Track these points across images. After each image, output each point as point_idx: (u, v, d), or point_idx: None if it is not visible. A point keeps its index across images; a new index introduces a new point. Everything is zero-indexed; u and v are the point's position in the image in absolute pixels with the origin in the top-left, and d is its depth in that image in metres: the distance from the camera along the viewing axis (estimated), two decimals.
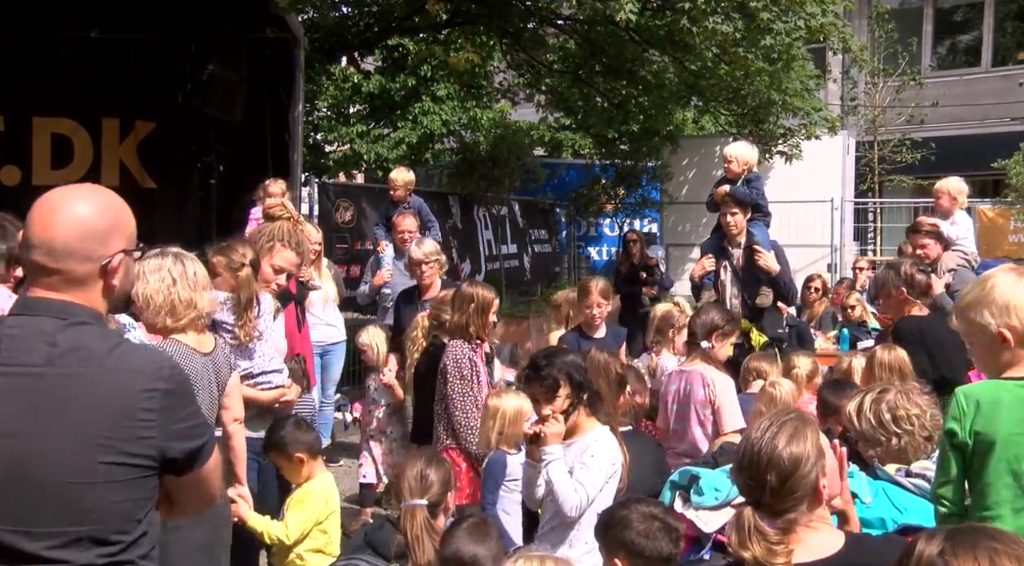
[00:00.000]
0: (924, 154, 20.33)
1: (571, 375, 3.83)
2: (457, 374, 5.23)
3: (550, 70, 16.95)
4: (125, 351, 2.25)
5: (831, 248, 16.28)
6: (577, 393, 3.83)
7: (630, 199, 18.16)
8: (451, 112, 19.18)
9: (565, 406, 3.84)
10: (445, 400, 5.27)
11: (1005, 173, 14.81)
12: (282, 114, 9.18)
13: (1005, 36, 23.76)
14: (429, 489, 3.52)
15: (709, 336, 5.29)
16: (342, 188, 14.53)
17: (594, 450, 3.76)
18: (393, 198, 8.78)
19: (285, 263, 4.98)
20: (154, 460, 2.22)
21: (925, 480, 3.39)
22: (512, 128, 19.65)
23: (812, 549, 2.39)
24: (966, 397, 2.96)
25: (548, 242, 18.63)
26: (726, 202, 7.15)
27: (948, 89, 21.74)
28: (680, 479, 3.76)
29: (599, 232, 19.45)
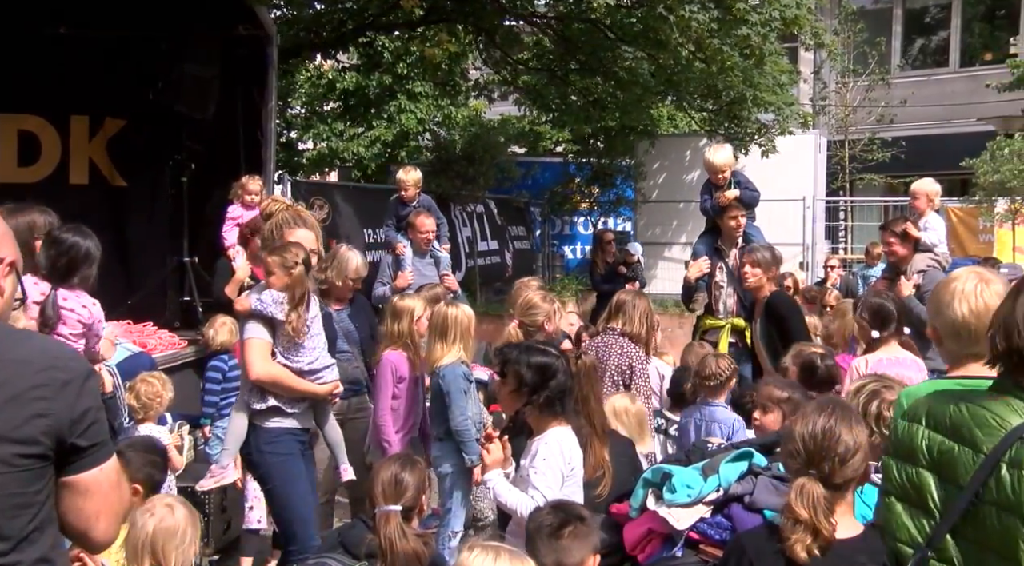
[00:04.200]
0: (894, 153, 20.49)
1: (522, 374, 3.79)
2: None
3: (526, 67, 16.94)
4: (22, 340, 2.21)
5: (803, 246, 16.37)
6: (529, 394, 3.79)
7: (604, 197, 18.18)
8: (426, 110, 19.14)
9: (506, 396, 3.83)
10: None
11: (972, 172, 14.95)
12: (255, 111, 9.11)
13: (973, 37, 24.01)
14: (404, 494, 3.49)
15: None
16: (316, 186, 14.43)
17: (544, 453, 3.73)
18: (404, 198, 8.66)
19: (305, 242, 4.96)
20: (48, 448, 2.13)
21: None
22: (487, 126, 19.64)
23: (843, 527, 2.68)
24: (907, 398, 2.98)
25: (526, 239, 18.63)
26: (735, 206, 7.18)
27: (917, 89, 21.93)
28: (653, 477, 3.75)
29: (573, 231, 19.45)
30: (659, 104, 18.13)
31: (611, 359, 5.59)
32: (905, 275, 6.80)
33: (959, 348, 2.98)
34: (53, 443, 2.14)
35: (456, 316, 5.53)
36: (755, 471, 3.57)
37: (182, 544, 3.41)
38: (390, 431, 5.57)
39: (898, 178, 19.61)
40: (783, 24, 13.43)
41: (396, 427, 5.63)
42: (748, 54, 13.58)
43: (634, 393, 5.42)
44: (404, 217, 8.50)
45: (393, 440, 5.55)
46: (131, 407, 5.39)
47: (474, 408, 5.50)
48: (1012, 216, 14.55)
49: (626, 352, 5.60)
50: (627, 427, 4.99)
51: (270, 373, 4.64)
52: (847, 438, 2.71)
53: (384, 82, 19.10)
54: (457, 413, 5.33)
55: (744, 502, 3.47)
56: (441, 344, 5.46)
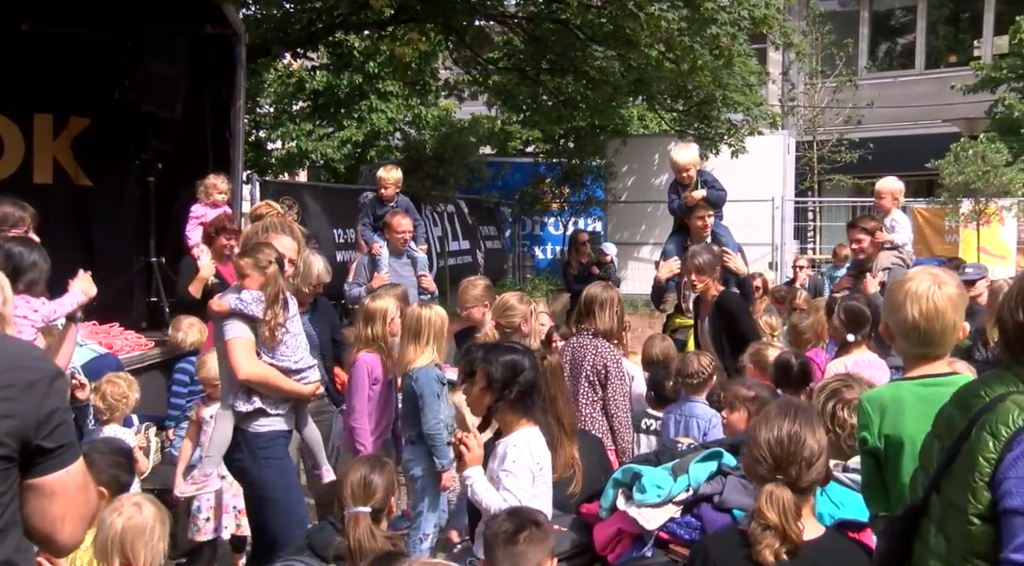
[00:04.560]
0: (862, 154, 20.68)
1: (491, 371, 3.79)
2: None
3: (496, 67, 16.94)
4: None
5: (772, 246, 16.49)
6: (500, 391, 3.78)
7: (575, 198, 18.22)
8: (397, 110, 19.10)
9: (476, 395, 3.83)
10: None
11: (938, 173, 15.12)
12: (223, 111, 9.03)
13: (938, 39, 24.32)
14: (373, 495, 3.47)
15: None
16: (285, 186, 14.35)
17: (514, 455, 3.71)
18: (382, 197, 8.62)
19: (284, 250, 4.92)
20: (13, 450, 2.10)
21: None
22: (458, 126, 19.62)
23: (807, 530, 2.72)
24: (870, 402, 3.01)
25: (497, 239, 18.63)
26: (702, 206, 7.20)
27: (884, 90, 22.18)
28: (623, 477, 3.76)
29: (544, 231, 19.48)
30: (629, 104, 18.20)
31: (586, 360, 5.57)
32: (871, 272, 6.86)
33: (909, 348, 3.03)
34: (18, 444, 2.10)
35: (429, 317, 5.49)
36: (724, 471, 3.58)
37: (151, 541, 3.39)
38: (366, 434, 5.52)
39: (865, 179, 19.83)
40: (752, 23, 13.53)
41: (370, 428, 5.59)
42: (717, 54, 13.66)
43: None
44: (381, 217, 8.45)
45: (368, 443, 5.50)
46: (96, 408, 5.33)
47: (446, 411, 5.47)
48: (977, 217, 14.71)
49: (600, 352, 5.57)
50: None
51: (259, 372, 4.59)
52: (811, 442, 2.73)
53: (354, 82, 19.04)
54: (430, 416, 5.30)
55: (714, 502, 3.48)
56: (414, 346, 5.43)
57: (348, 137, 18.95)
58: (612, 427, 5.51)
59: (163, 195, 8.81)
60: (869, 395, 3.09)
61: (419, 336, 5.43)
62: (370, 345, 5.61)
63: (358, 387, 5.56)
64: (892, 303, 3.02)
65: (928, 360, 3.00)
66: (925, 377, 2.98)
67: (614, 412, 5.50)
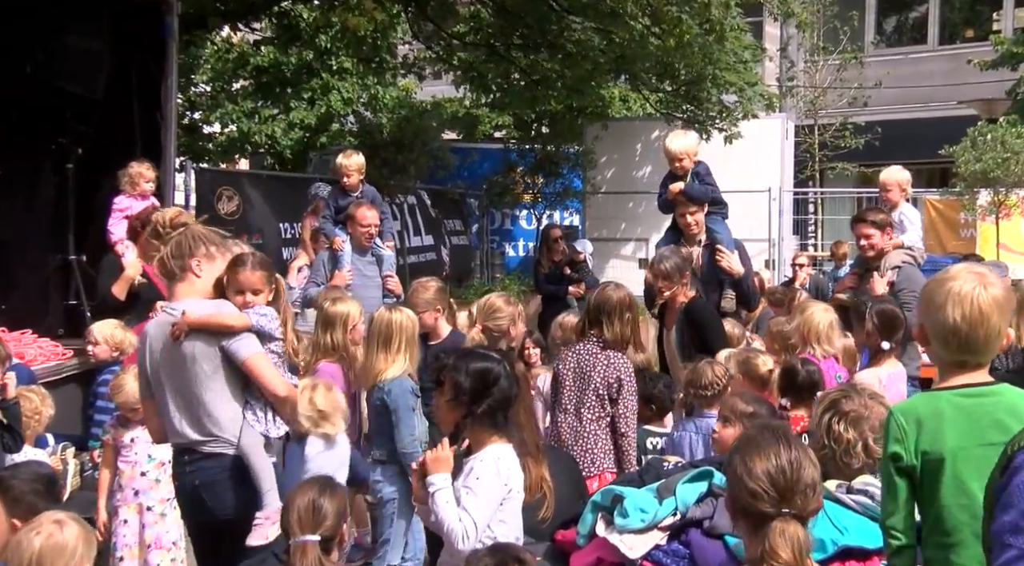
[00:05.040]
0: (868, 139, 20.85)
1: (459, 382, 3.77)
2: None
3: (462, 43, 16.90)
4: None
5: (769, 242, 16.57)
6: (469, 403, 3.77)
7: (549, 188, 18.24)
8: (351, 89, 19.03)
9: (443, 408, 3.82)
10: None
11: (953, 161, 15.22)
12: (153, 89, 8.96)
13: (953, 12, 24.55)
14: (322, 523, 3.45)
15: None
16: (224, 175, 14.25)
17: (479, 471, 3.70)
18: (345, 186, 8.55)
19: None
20: None
21: (867, 497, 3.43)
22: (419, 109, 19.58)
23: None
24: (904, 415, 2.99)
25: (464, 234, 18.63)
26: (681, 201, 7.20)
27: (893, 69, 22.35)
28: (602, 500, 3.75)
29: (515, 225, 19.47)
30: (611, 84, 18.24)
31: (596, 371, 5.58)
32: (878, 271, 6.90)
33: (947, 354, 3.00)
34: None
35: (400, 322, 5.46)
36: (715, 492, 3.57)
37: (72, 560, 3.34)
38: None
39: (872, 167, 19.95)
40: None
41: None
42: (708, 28, 13.70)
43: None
44: (344, 208, 8.39)
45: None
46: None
47: (421, 427, 5.44)
48: (996, 209, 14.79)
49: (613, 363, 5.59)
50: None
51: (293, 391, 4.59)
52: (810, 467, 2.76)
53: (303, 58, 18.95)
54: (406, 433, 5.27)
55: (704, 527, 3.48)
56: (384, 354, 5.39)
57: (296, 120, 18.83)
58: (618, 447, 5.55)
59: (84, 185, 8.72)
60: (903, 407, 3.07)
61: (389, 343, 5.41)
62: (330, 354, 5.58)
63: None
64: (931, 304, 3.00)
65: (968, 368, 2.99)
66: (965, 387, 2.97)
67: (624, 431, 5.54)
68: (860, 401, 3.67)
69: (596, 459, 5.52)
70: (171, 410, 4.47)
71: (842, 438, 3.60)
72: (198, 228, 4.66)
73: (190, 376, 4.41)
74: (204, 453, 4.44)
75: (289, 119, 18.89)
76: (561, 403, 5.72)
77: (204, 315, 4.40)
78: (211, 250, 4.59)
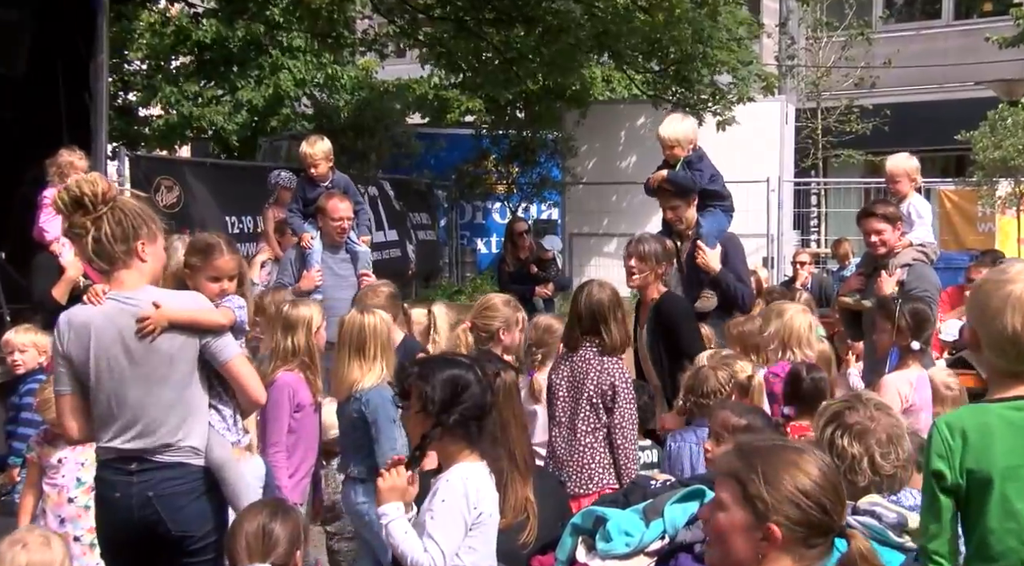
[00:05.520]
0: (876, 124, 20.96)
1: (426, 391, 3.77)
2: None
3: (428, 16, 16.89)
4: None
5: (767, 238, 16.66)
6: (439, 413, 3.77)
7: (525, 179, 18.26)
8: (305, 68, 18.99)
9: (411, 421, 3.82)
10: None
11: (970, 147, 15.31)
12: (80, 67, 8.92)
13: None
14: (273, 549, 3.45)
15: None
16: (162, 163, 14.18)
17: (445, 493, 3.68)
18: (314, 176, 8.50)
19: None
20: None
21: (875, 518, 3.45)
22: (380, 90, 19.56)
23: None
24: (949, 428, 2.98)
25: (431, 228, 18.61)
26: (663, 192, 7.25)
27: (903, 46, 22.45)
28: (583, 522, 3.75)
29: (487, 219, 19.49)
30: (592, 62, 18.27)
31: (589, 378, 5.63)
32: (887, 270, 6.94)
33: (1003, 363, 3.01)
34: None
35: (374, 326, 5.46)
36: None
37: None
38: (283, 475, 5.47)
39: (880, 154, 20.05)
40: None
41: (290, 469, 5.54)
42: (700, 2, 13.76)
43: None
44: (313, 200, 8.35)
45: (287, 485, 5.46)
46: None
47: (402, 439, 5.45)
48: (1017, 200, 14.87)
49: (608, 370, 5.64)
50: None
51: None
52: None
53: (251, 32, 18.89)
54: (387, 447, 5.25)
55: (695, 552, 3.49)
56: (359, 362, 5.38)
57: (243, 102, 18.78)
58: (616, 460, 5.58)
59: (3, 175, 8.67)
60: (949, 419, 3.06)
61: (363, 349, 5.39)
62: (290, 361, 5.57)
63: (277, 414, 5.50)
64: (986, 309, 3.00)
65: (1023, 379, 3.02)
66: (1019, 399, 2.98)
67: (620, 442, 5.58)
68: (865, 412, 3.65)
69: (594, 475, 5.55)
70: (117, 412, 4.37)
71: (846, 453, 3.61)
72: (131, 203, 4.54)
73: (160, 377, 4.33)
74: (162, 463, 4.36)
75: (235, 101, 18.83)
76: (555, 416, 5.76)
77: (188, 311, 4.36)
78: (152, 228, 4.53)
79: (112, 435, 4.38)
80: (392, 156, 16.84)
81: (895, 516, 3.33)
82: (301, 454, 5.58)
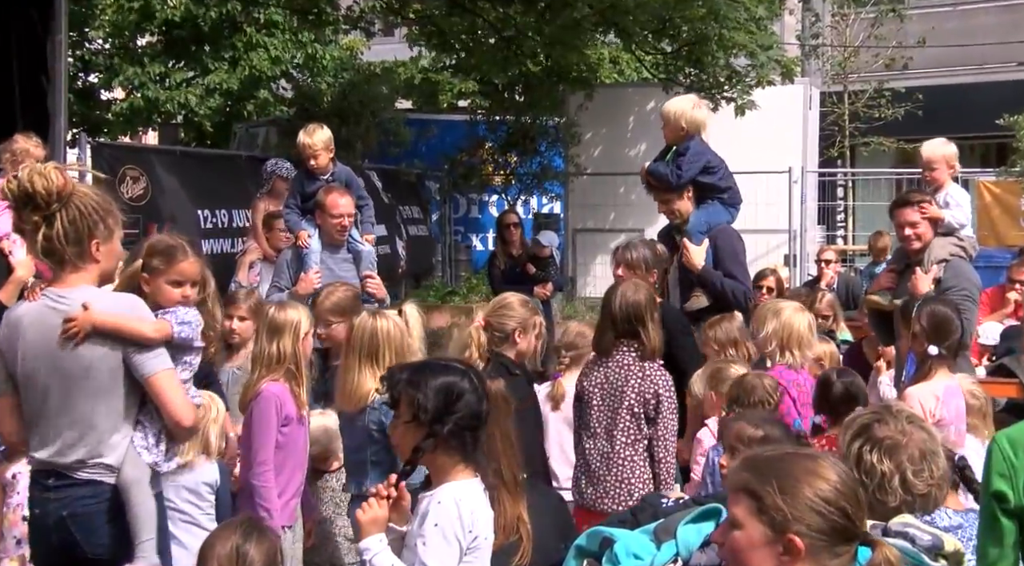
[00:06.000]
0: (909, 109, 20.94)
1: (417, 399, 3.77)
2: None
3: None
4: None
5: (789, 234, 16.64)
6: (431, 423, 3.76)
7: (524, 168, 18.24)
8: (283, 48, 18.97)
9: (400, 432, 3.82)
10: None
11: (1012, 134, 15.31)
12: (36, 47, 8.91)
13: None
14: None
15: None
16: (127, 151, 14.16)
17: (437, 516, 3.68)
18: (314, 168, 8.47)
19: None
20: None
21: (907, 540, 3.43)
22: (366, 72, 19.55)
23: None
24: (1012, 444, 2.97)
25: (423, 223, 18.60)
26: (651, 185, 7.32)
27: (939, 23, 22.45)
28: (588, 543, 3.74)
29: (484, 214, 19.48)
30: (598, 42, 18.25)
31: (629, 386, 5.68)
32: (921, 266, 6.94)
33: None
34: None
35: (387, 331, 5.47)
36: None
37: None
38: (272, 496, 5.45)
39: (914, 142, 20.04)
40: None
41: (278, 489, 5.53)
42: None
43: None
44: (312, 195, 8.32)
45: (275, 507, 5.45)
46: None
47: None
48: None
49: (649, 376, 5.71)
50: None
51: (198, 416, 4.63)
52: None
53: (224, 9, 18.87)
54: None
55: None
56: (371, 370, 5.38)
57: (215, 85, 18.77)
58: (657, 475, 5.67)
59: None
60: (1011, 434, 3.06)
61: (376, 356, 5.41)
62: (276, 370, 5.56)
63: (263, 429, 5.49)
64: None
65: None
66: None
67: (662, 455, 5.68)
68: (896, 426, 3.63)
69: (634, 490, 5.61)
70: (38, 420, 4.40)
71: (876, 470, 3.59)
72: (89, 196, 4.51)
73: (78, 386, 4.34)
74: (77, 479, 4.37)
75: (206, 84, 18.82)
76: (588, 425, 5.82)
77: (114, 317, 4.34)
78: (108, 223, 4.50)
79: (35, 445, 4.43)
80: (380, 144, 16.83)
81: (930, 538, 3.30)
82: (289, 472, 5.58)
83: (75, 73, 18.50)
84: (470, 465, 3.83)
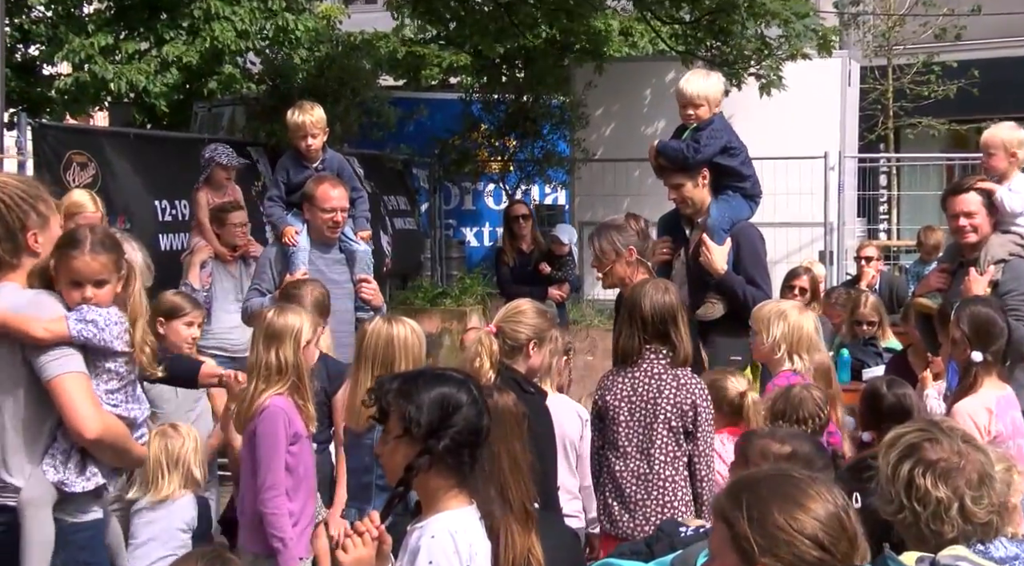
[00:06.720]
0: (962, 86, 20.95)
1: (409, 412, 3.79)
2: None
3: None
4: None
5: (825, 227, 16.66)
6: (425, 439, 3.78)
7: (524, 154, 18.26)
8: (249, 18, 18.96)
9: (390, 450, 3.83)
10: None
11: None
12: None
13: None
14: None
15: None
16: (73, 133, 14.17)
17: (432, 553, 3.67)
18: (306, 152, 8.47)
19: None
20: None
21: None
22: (346, 45, 19.52)
23: None
24: None
25: (410, 215, 18.60)
26: (661, 166, 7.34)
27: None
28: None
29: (479, 204, 19.47)
30: (608, 9, 18.24)
31: (663, 397, 5.73)
32: (977, 266, 6.94)
33: None
34: None
35: (404, 339, 5.52)
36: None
37: None
38: (285, 524, 5.47)
39: (967, 123, 20.10)
40: None
41: (292, 517, 5.56)
42: None
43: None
44: (300, 184, 8.31)
45: (290, 536, 5.46)
46: None
47: None
48: None
49: (685, 385, 5.77)
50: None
51: (111, 429, 4.58)
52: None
53: None
54: None
55: None
56: None
57: (172, 59, 18.75)
58: (698, 496, 5.72)
59: None
60: None
61: (391, 368, 5.46)
62: (277, 382, 5.55)
63: (271, 450, 5.50)
64: None
65: None
66: None
67: (704, 473, 5.74)
68: (951, 446, 3.57)
69: (677, 514, 5.61)
70: None
71: (930, 497, 3.55)
72: (11, 186, 4.57)
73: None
74: None
75: (162, 57, 18.79)
76: (617, 445, 5.84)
77: (3, 314, 4.39)
78: (40, 209, 4.53)
79: None
80: (361, 126, 16.82)
81: None
82: (303, 497, 5.61)
83: (12, 44, 18.47)
84: (465, 490, 3.83)
